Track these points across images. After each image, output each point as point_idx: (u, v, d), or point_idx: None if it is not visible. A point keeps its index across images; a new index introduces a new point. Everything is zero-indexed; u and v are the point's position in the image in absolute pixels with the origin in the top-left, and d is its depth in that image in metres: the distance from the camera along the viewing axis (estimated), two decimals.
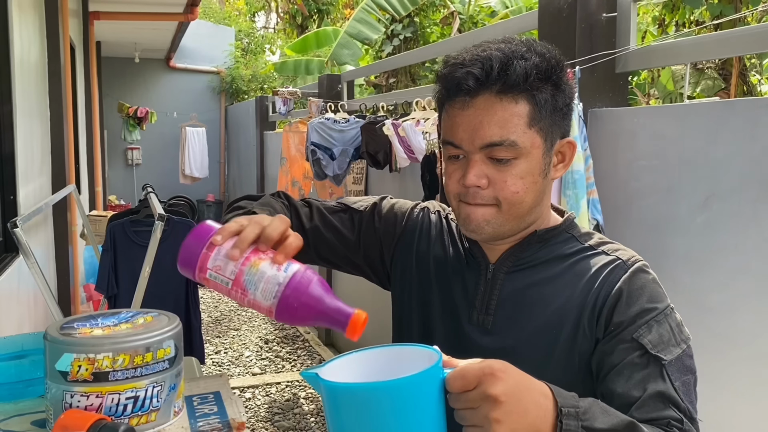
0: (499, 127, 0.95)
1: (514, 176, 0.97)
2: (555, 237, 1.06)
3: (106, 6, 6.36)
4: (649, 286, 0.99)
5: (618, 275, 0.99)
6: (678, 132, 1.95)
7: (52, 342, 0.73)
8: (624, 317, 0.95)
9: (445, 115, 1.01)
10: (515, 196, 0.97)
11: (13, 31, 2.85)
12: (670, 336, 0.95)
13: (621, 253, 1.03)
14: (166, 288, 3.31)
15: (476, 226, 0.99)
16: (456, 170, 1.00)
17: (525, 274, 1.04)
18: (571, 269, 1.02)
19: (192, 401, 0.84)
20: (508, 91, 0.95)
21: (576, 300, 0.99)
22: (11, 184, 2.83)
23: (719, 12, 3.90)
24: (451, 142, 0.99)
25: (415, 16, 7.43)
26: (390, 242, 1.17)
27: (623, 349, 0.93)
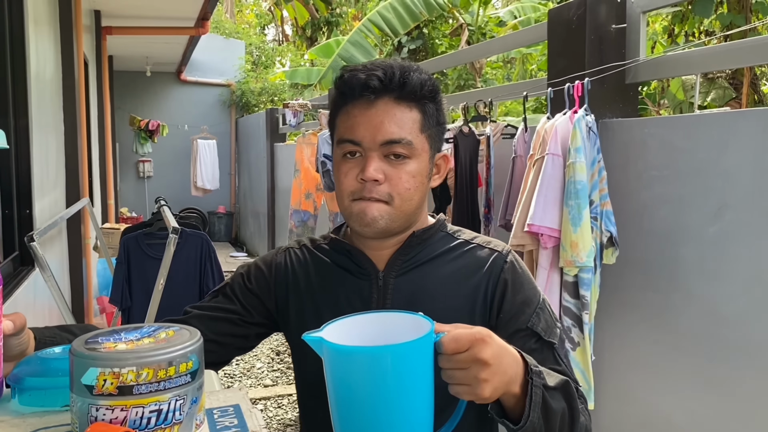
0: (398, 126, 1.05)
1: (407, 173, 1.06)
2: (432, 237, 1.14)
3: (119, 21, 6.44)
4: (525, 274, 1.12)
5: (499, 265, 1.10)
6: (689, 142, 1.96)
7: (78, 356, 0.75)
8: (514, 305, 1.08)
9: (343, 116, 1.09)
10: (407, 192, 1.06)
11: (30, 46, 2.89)
12: (551, 320, 1.09)
13: (494, 244, 1.14)
14: (179, 300, 3.32)
15: (371, 220, 1.05)
16: (352, 168, 1.07)
17: (413, 275, 1.11)
18: (454, 264, 1.12)
19: (212, 414, 0.86)
20: (405, 97, 1.06)
21: (467, 292, 1.09)
22: (27, 197, 2.87)
23: (729, 22, 3.91)
24: (350, 140, 1.06)
25: (423, 28, 7.46)
26: (268, 294, 1.19)
27: (520, 337, 1.06)
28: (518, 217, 2.19)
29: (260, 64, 12.22)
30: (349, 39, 7.05)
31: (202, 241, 3.38)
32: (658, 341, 2.07)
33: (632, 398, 2.16)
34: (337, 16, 11.29)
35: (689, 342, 1.96)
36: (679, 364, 1.98)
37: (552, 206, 2.10)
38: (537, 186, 2.13)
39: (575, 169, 2.05)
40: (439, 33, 7.76)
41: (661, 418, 2.05)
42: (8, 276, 2.62)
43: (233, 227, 10.87)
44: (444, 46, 7.76)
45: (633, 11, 2.27)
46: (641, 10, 2.26)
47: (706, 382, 1.90)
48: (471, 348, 0.81)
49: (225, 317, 1.18)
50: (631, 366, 2.16)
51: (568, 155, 2.08)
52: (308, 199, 4.42)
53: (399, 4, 6.67)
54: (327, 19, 11.22)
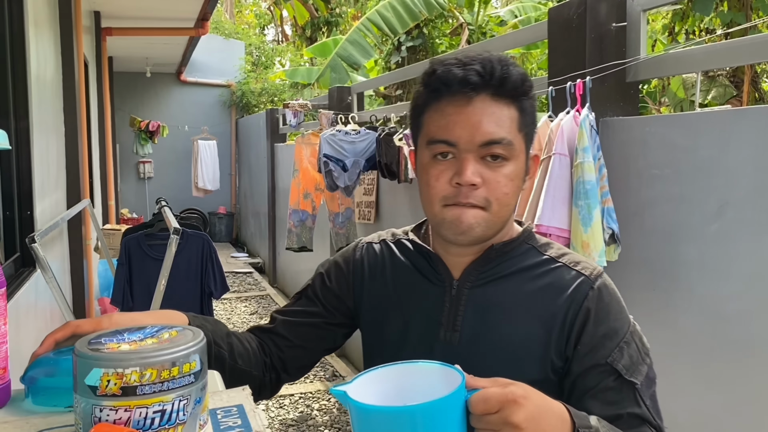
0: (497, 126, 0.96)
1: (506, 177, 0.98)
2: (515, 249, 1.05)
3: (118, 22, 6.44)
4: (613, 302, 1.01)
5: (584, 291, 1.00)
6: (690, 140, 1.96)
7: (82, 357, 0.75)
8: (594, 337, 0.98)
9: (432, 114, 1.00)
10: (505, 197, 0.98)
11: (30, 48, 2.90)
12: (638, 355, 0.98)
13: (583, 266, 1.03)
14: (181, 300, 3.33)
15: (467, 228, 0.98)
16: (444, 171, 0.98)
17: (489, 288, 1.04)
18: (535, 283, 1.03)
19: (216, 414, 0.86)
20: (503, 94, 0.97)
21: (544, 316, 1.00)
22: (28, 199, 2.87)
23: (730, 20, 3.90)
24: (445, 140, 0.97)
25: (423, 27, 7.46)
26: (347, 292, 1.17)
27: (598, 374, 0.97)
28: (525, 217, 2.19)
29: (260, 64, 12.22)
30: (347, 38, 7.05)
31: (203, 242, 3.39)
32: (659, 339, 2.07)
33: None
34: (336, 15, 11.29)
35: (691, 340, 1.96)
36: (680, 362, 1.98)
37: (560, 206, 2.10)
38: (544, 186, 2.13)
39: (583, 168, 2.05)
40: (440, 32, 7.76)
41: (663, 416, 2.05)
42: (10, 277, 2.62)
43: (234, 227, 10.87)
44: (444, 45, 7.76)
45: (633, 9, 2.26)
46: (641, 8, 2.26)
47: (708, 380, 1.90)
48: (501, 410, 0.74)
49: (309, 321, 1.16)
50: None
51: (575, 155, 2.08)
52: (306, 199, 4.43)
53: (398, 3, 6.67)
54: (327, 18, 11.22)
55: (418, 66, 4.54)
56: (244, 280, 8.01)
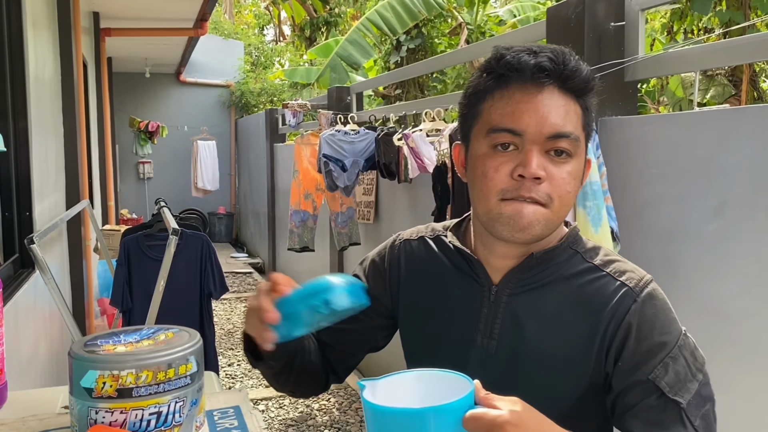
0: (565, 119, 0.92)
1: (569, 174, 0.93)
2: (558, 255, 1.00)
3: (117, 23, 6.44)
4: (660, 315, 0.95)
5: (627, 305, 0.94)
6: (688, 140, 1.95)
7: (77, 359, 0.75)
8: (636, 353, 0.92)
9: (496, 102, 0.94)
10: (567, 196, 0.93)
11: (28, 49, 2.89)
12: (686, 372, 0.92)
13: (629, 276, 0.97)
14: (180, 301, 3.33)
15: (527, 224, 0.92)
16: (504, 163, 0.92)
17: (529, 296, 0.99)
18: (577, 293, 0.97)
19: (213, 416, 0.86)
20: (570, 89, 0.93)
21: (583, 329, 0.95)
22: (27, 200, 2.87)
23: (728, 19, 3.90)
24: (510, 129, 0.91)
25: (422, 27, 7.46)
26: (384, 292, 1.13)
27: (639, 391, 0.91)
28: None
29: (259, 64, 12.22)
30: (347, 38, 7.05)
31: (202, 242, 3.38)
32: None
33: None
34: (335, 15, 11.29)
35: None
36: None
37: None
38: None
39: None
40: (439, 32, 7.75)
41: None
42: (9, 278, 2.62)
43: (234, 228, 10.87)
44: (443, 45, 7.76)
45: (631, 9, 2.26)
46: (640, 7, 2.25)
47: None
48: (492, 430, 0.73)
49: (348, 327, 1.09)
50: None
51: None
52: (307, 200, 4.43)
53: (398, 3, 6.67)
54: (326, 18, 11.21)
55: (416, 66, 4.54)
56: (243, 280, 8.01)
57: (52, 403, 0.99)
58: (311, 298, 0.83)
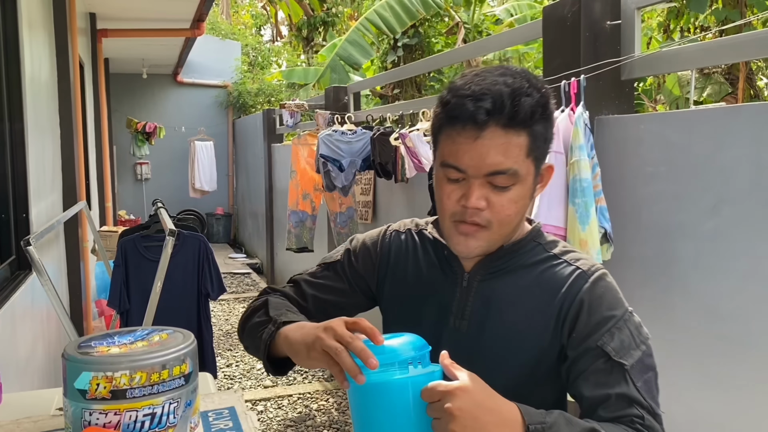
0: (503, 156, 1.02)
1: (510, 201, 1.05)
2: (523, 247, 1.14)
3: (114, 24, 6.43)
4: (608, 294, 1.08)
5: (579, 285, 1.07)
6: (685, 138, 1.95)
7: (71, 361, 0.74)
8: (587, 326, 1.05)
9: (446, 139, 1.06)
10: (507, 218, 1.07)
11: (24, 50, 2.89)
12: (630, 341, 1.03)
13: (582, 263, 1.11)
14: (178, 302, 3.33)
15: (469, 251, 1.08)
16: (454, 191, 1.07)
17: (496, 282, 1.13)
18: (538, 278, 1.11)
19: (207, 417, 0.85)
20: (514, 125, 1.02)
21: (542, 307, 1.09)
22: (23, 201, 2.86)
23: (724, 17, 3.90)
24: (455, 167, 1.05)
25: (419, 26, 7.46)
26: (372, 273, 1.27)
27: (589, 356, 1.03)
28: None
29: (257, 64, 12.21)
30: (347, 38, 7.04)
31: (199, 243, 3.38)
32: (655, 337, 2.06)
33: None
34: (333, 15, 11.28)
35: (686, 337, 1.96)
36: (676, 360, 1.98)
37: (556, 204, 2.09)
38: None
39: (579, 166, 2.04)
40: (436, 31, 7.75)
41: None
42: (5, 280, 2.61)
43: (232, 228, 10.86)
44: (440, 44, 7.76)
45: (627, 7, 2.26)
46: (636, 6, 2.25)
47: (704, 377, 1.90)
48: (441, 399, 0.85)
49: (333, 299, 1.26)
50: None
51: (571, 153, 2.08)
52: (305, 200, 4.42)
53: (396, 2, 6.67)
54: (323, 18, 11.21)
55: (414, 65, 4.54)
56: (242, 280, 8.01)
57: (47, 405, 0.99)
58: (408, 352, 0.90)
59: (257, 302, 1.22)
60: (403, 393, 0.86)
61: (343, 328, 0.92)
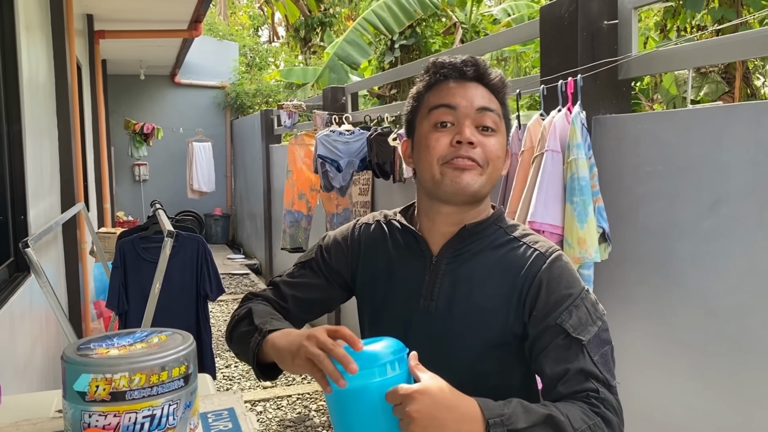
0: (489, 102, 1.16)
1: (496, 143, 1.15)
2: (485, 229, 1.20)
3: (111, 25, 6.42)
4: (565, 274, 1.13)
5: (538, 265, 1.13)
6: (682, 137, 1.96)
7: (70, 363, 0.75)
8: (546, 304, 1.10)
9: (436, 91, 1.18)
10: (498, 160, 1.15)
11: (21, 51, 2.88)
12: (587, 317, 1.08)
13: (540, 245, 1.17)
14: (177, 303, 3.33)
15: (465, 185, 1.12)
16: (443, 135, 1.14)
17: (462, 264, 1.18)
18: (500, 259, 1.17)
19: (207, 418, 0.86)
20: (492, 90, 1.17)
21: (505, 287, 1.14)
22: (21, 203, 2.86)
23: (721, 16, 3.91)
24: (447, 104, 1.14)
25: (416, 26, 7.46)
26: (345, 266, 1.32)
27: (549, 334, 1.08)
28: (518, 214, 2.19)
29: (254, 65, 12.20)
30: (345, 38, 7.05)
31: (198, 244, 3.38)
32: (653, 336, 2.07)
33: (629, 392, 2.16)
34: (330, 16, 11.28)
35: (684, 336, 1.96)
36: (674, 358, 1.99)
37: (553, 203, 2.09)
38: (537, 183, 2.12)
39: (577, 165, 2.05)
40: (433, 31, 7.75)
41: (658, 411, 2.06)
42: (3, 282, 2.61)
43: (230, 229, 10.85)
44: (437, 44, 7.75)
45: (624, 7, 2.27)
46: (632, 5, 2.26)
47: (701, 376, 1.90)
48: (402, 403, 0.89)
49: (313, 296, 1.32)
50: (627, 360, 2.16)
51: (568, 152, 2.08)
52: (301, 200, 4.42)
53: (394, 2, 6.67)
54: (320, 19, 11.20)
55: (411, 66, 4.54)
56: (240, 281, 8.01)
57: (46, 407, 0.99)
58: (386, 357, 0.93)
59: (241, 310, 1.25)
60: (374, 396, 0.89)
61: (325, 336, 0.95)
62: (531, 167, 2.21)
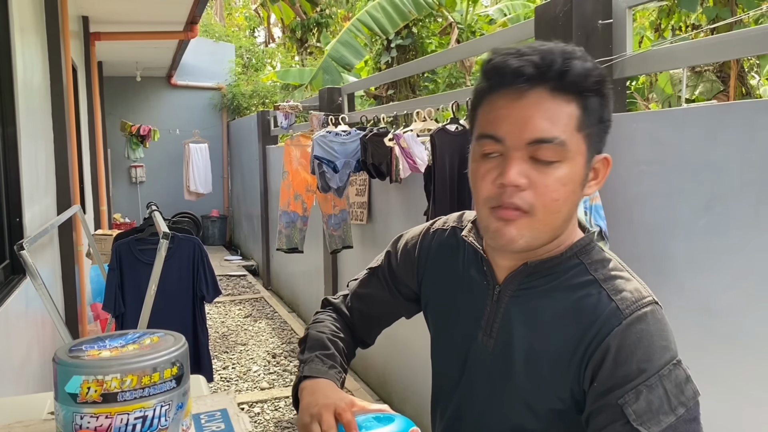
0: (550, 123, 0.88)
1: (557, 181, 0.89)
2: (562, 263, 0.98)
3: (107, 27, 6.42)
4: (644, 341, 0.90)
5: (611, 326, 0.91)
6: (677, 136, 1.96)
7: (61, 364, 0.74)
8: (611, 377, 0.89)
9: (486, 108, 0.93)
10: (554, 204, 0.90)
11: (16, 54, 2.88)
12: (661, 403, 0.87)
13: (624, 296, 0.93)
14: (173, 305, 3.32)
15: (508, 241, 0.92)
16: (490, 170, 0.92)
17: (527, 300, 0.99)
18: (572, 305, 0.95)
19: (200, 419, 0.85)
20: (563, 89, 0.89)
21: (569, 342, 0.94)
22: (17, 206, 2.86)
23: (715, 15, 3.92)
24: (491, 135, 0.91)
25: (412, 27, 7.46)
26: (412, 277, 1.18)
27: (608, 414, 0.88)
28: None
29: (251, 66, 12.20)
30: (338, 39, 7.05)
31: (194, 246, 3.38)
32: None
33: None
34: (326, 17, 11.28)
35: (680, 334, 1.95)
36: None
37: None
38: None
39: None
40: (429, 32, 7.76)
41: None
42: None
43: (227, 230, 10.85)
44: (433, 44, 7.76)
45: (619, 6, 2.27)
46: (627, 5, 2.26)
47: (697, 374, 1.90)
48: None
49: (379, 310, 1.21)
50: None
51: None
52: (297, 201, 4.42)
53: (388, 3, 6.67)
54: (317, 20, 11.20)
55: (408, 66, 4.54)
56: (238, 283, 8.00)
57: (38, 409, 0.99)
58: None
59: (309, 325, 1.20)
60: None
61: (331, 419, 0.91)
62: None
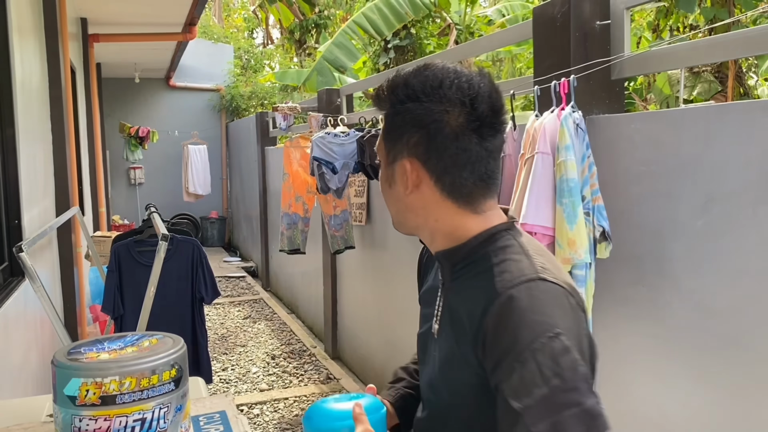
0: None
1: (381, 178, 1.16)
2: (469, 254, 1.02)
3: (105, 28, 6.42)
4: (513, 317, 0.89)
5: (487, 308, 0.92)
6: (675, 137, 1.96)
7: (60, 367, 0.74)
8: (490, 358, 0.90)
9: None
10: (382, 194, 1.14)
11: (14, 55, 2.88)
12: (533, 376, 0.84)
13: (504, 276, 0.94)
14: (173, 307, 3.32)
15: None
16: None
17: (452, 289, 1.05)
18: (473, 293, 0.98)
19: (198, 421, 0.85)
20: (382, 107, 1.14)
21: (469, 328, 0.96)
22: (15, 208, 2.85)
23: (713, 16, 3.92)
24: None
25: (411, 27, 7.46)
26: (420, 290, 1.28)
27: (498, 396, 0.89)
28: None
29: (249, 68, 12.21)
30: (333, 41, 7.05)
31: (193, 247, 3.38)
32: (648, 335, 2.07)
33: (625, 391, 2.16)
34: (325, 18, 11.28)
35: (679, 335, 1.96)
36: (669, 357, 1.99)
37: (544, 204, 2.10)
38: (528, 185, 2.13)
39: (566, 167, 2.05)
40: (427, 33, 7.76)
41: (654, 410, 2.06)
42: None
43: (226, 232, 10.85)
44: (432, 45, 7.76)
45: (617, 7, 2.27)
46: (625, 6, 2.26)
47: (696, 374, 1.90)
48: None
49: None
50: (623, 359, 2.16)
51: (558, 153, 2.08)
52: (298, 202, 4.42)
53: (384, 4, 6.67)
54: (315, 21, 11.21)
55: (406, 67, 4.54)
56: (237, 284, 7.99)
57: (37, 411, 0.99)
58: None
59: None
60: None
61: None
62: (523, 169, 2.21)
